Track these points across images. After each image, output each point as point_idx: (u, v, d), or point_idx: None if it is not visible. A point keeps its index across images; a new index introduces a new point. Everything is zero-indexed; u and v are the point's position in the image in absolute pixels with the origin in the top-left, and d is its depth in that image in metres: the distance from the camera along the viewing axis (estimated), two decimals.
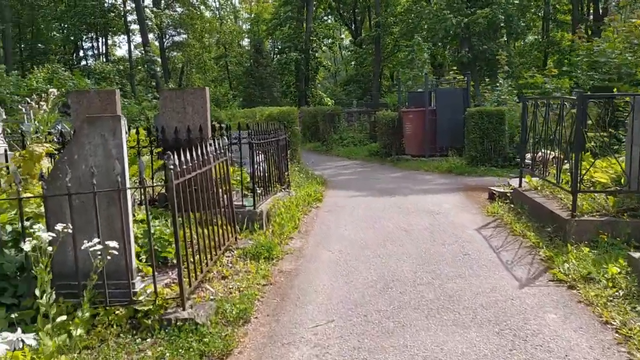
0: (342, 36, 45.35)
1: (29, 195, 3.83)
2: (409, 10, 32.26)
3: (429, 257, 4.95)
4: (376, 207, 7.48)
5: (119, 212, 3.35)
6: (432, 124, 13.12)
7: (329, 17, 40.55)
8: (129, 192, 3.47)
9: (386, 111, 14.84)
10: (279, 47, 30.86)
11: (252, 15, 45.02)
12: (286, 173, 7.83)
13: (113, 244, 3.12)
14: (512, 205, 6.70)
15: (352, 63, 41.55)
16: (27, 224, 3.42)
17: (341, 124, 18.42)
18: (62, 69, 22.95)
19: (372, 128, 16.87)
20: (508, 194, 7.14)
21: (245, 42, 44.22)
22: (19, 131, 5.93)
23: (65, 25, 36.31)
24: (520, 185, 6.95)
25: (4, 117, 6.31)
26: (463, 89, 13.40)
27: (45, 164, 4.43)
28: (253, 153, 5.78)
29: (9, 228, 3.68)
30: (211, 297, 3.77)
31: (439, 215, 6.77)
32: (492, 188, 7.76)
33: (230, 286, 4.10)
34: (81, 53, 41.57)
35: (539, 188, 6.51)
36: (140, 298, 3.34)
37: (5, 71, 18.38)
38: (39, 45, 37.71)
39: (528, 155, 8.82)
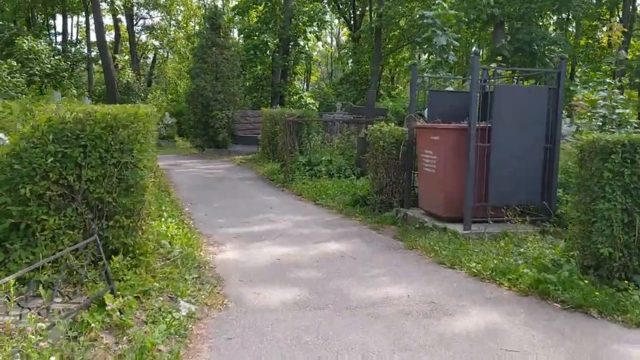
0: (336, 24, 38.40)
1: None
2: None
3: None
4: None
5: None
6: (481, 157, 6.16)
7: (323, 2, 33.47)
8: None
9: (386, 125, 7.75)
10: (249, 28, 23.60)
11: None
12: None
13: None
14: None
15: (349, 62, 34.60)
16: None
17: (311, 139, 11.21)
18: None
19: (362, 149, 9.88)
20: None
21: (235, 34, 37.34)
22: None
23: None
24: None
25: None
26: (551, 88, 6.41)
27: None
28: None
29: None
30: None
31: None
32: None
33: None
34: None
35: None
36: None
37: None
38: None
39: None
